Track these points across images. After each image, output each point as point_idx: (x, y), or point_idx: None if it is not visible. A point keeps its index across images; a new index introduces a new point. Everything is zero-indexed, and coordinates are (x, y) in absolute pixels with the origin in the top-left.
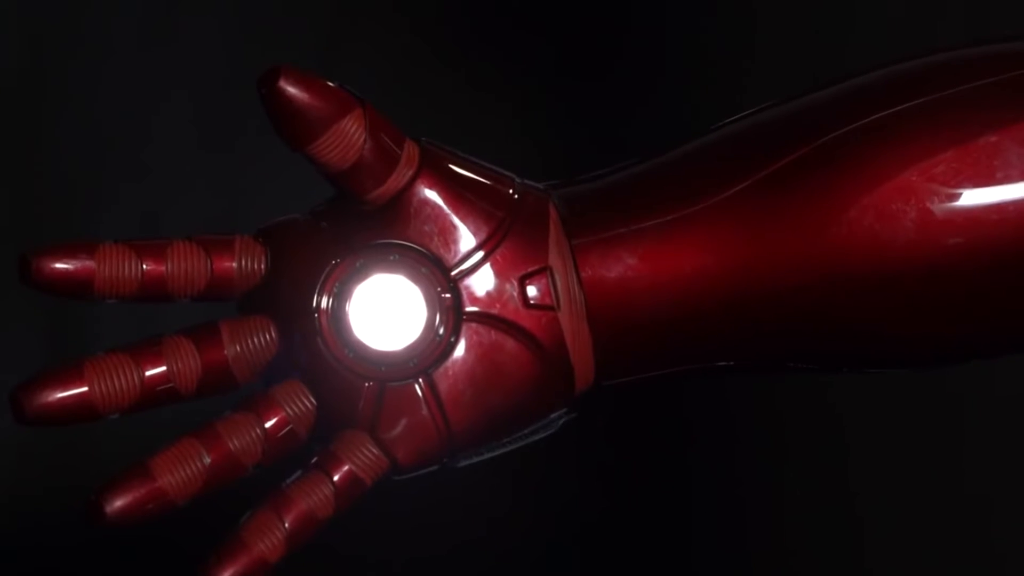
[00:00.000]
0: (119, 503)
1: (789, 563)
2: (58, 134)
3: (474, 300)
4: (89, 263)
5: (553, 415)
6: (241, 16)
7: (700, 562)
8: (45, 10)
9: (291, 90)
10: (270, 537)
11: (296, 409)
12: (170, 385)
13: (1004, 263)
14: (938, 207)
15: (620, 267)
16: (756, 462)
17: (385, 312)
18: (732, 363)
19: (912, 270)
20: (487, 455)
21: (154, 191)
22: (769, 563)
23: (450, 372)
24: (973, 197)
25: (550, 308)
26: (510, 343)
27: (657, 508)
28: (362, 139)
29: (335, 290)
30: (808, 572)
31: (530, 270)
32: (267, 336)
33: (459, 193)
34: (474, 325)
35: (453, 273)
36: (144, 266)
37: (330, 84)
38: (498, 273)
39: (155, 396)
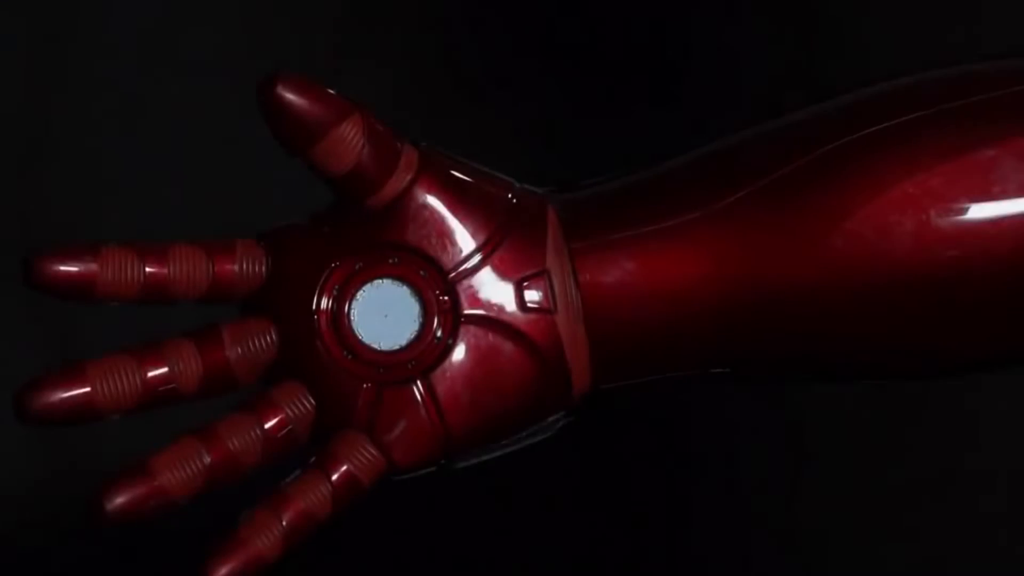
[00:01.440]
0: (120, 500)
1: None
2: (58, 137)
3: (472, 303)
4: (92, 266)
5: (551, 418)
6: (245, 25)
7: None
8: (45, 9)
9: (289, 96)
10: (268, 535)
11: (296, 410)
12: (172, 386)
13: (1000, 276)
14: (935, 219)
15: (618, 272)
16: (764, 472)
17: (384, 314)
18: (728, 370)
19: (910, 281)
20: (484, 457)
21: (153, 196)
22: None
23: (448, 374)
24: (970, 210)
25: (547, 311)
26: (507, 346)
27: (651, 524)
28: (360, 144)
29: (334, 292)
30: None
31: (527, 273)
32: (268, 338)
33: (457, 197)
34: (472, 328)
35: (451, 276)
36: (147, 269)
37: (328, 90)
38: (496, 276)
39: (157, 397)
